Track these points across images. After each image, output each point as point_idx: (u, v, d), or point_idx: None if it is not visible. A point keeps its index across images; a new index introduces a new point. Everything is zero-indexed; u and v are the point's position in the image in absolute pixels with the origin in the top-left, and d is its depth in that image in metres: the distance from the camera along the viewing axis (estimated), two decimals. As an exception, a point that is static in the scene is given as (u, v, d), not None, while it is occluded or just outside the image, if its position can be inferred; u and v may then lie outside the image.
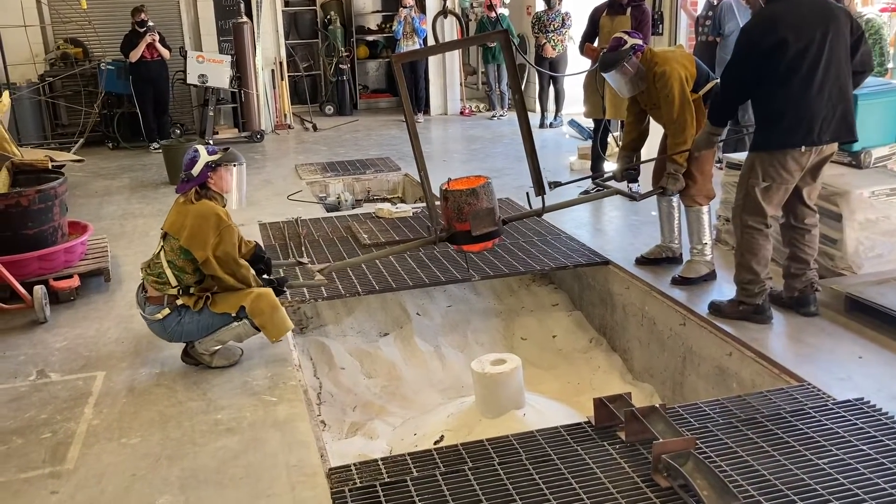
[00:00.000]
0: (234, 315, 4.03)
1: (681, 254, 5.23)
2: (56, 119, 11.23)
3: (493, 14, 11.11)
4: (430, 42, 11.87)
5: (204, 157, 4.02)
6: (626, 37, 4.76)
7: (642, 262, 5.29)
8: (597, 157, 7.35)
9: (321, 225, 6.62)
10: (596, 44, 7.10)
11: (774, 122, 4.08)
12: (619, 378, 5.07)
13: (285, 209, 7.17)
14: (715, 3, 8.01)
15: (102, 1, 11.03)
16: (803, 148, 4.05)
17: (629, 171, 5.14)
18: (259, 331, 4.07)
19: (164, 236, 4.10)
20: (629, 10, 6.95)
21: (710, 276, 4.96)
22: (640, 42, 4.75)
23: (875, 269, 4.74)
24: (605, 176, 5.45)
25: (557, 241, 5.92)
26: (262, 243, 4.73)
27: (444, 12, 11.40)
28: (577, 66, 9.62)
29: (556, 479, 2.99)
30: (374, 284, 5.23)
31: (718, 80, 4.97)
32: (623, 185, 5.24)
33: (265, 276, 4.31)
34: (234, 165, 4.10)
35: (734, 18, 7.52)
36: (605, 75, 4.88)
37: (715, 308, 4.45)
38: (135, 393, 3.92)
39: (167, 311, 4.04)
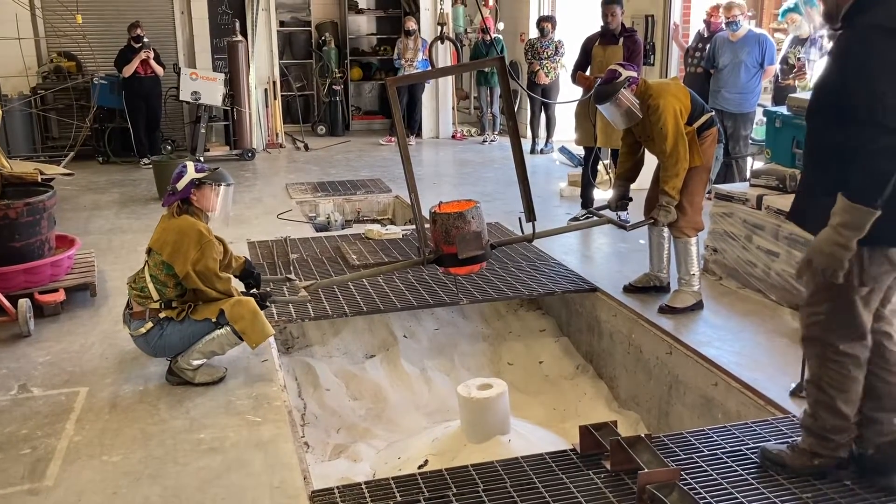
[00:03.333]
0: (214, 321, 4.03)
1: (668, 283, 5.26)
2: (47, 132, 11.20)
3: (488, 38, 11.19)
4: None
5: (190, 174, 4.07)
6: (620, 69, 4.82)
7: (630, 289, 5.30)
8: (587, 184, 7.40)
9: (310, 244, 6.62)
10: (588, 72, 7.17)
11: None
12: (604, 405, 5.07)
13: (275, 228, 7.16)
14: (706, 35, 8.11)
15: (97, 16, 11.04)
16: None
17: (623, 201, 5.18)
18: (241, 339, 4.06)
19: (149, 252, 4.13)
20: (621, 40, 7.03)
21: (697, 307, 4.98)
22: (634, 74, 4.80)
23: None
24: (599, 205, 5.50)
25: (546, 267, 5.93)
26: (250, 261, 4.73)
27: (440, 38, 11.49)
28: (568, 94, 9.69)
29: (540, 506, 2.97)
30: (362, 305, 5.22)
31: (713, 113, 5.02)
32: (613, 214, 5.27)
33: (253, 290, 4.33)
34: (220, 185, 4.12)
35: (727, 52, 7.60)
36: (599, 107, 4.92)
37: (773, 460, 3.18)
38: (118, 410, 3.88)
39: (150, 324, 4.05)
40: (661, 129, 4.69)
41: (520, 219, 4.61)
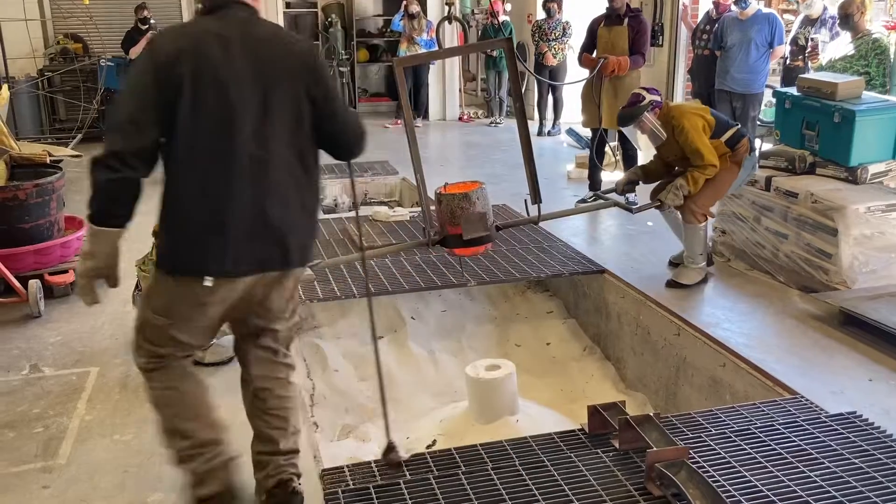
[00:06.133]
0: None
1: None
2: (54, 114, 11.21)
3: (496, 21, 11.14)
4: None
5: None
6: (644, 93, 4.94)
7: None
8: (593, 166, 7.39)
9: (318, 226, 6.62)
10: (594, 54, 7.15)
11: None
12: (612, 387, 5.08)
13: (282, 210, 7.16)
14: (714, 16, 8.05)
15: (104, -3, 11.05)
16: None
17: (631, 184, 5.24)
18: None
19: (155, 234, 4.13)
20: (626, 20, 7.00)
21: (703, 281, 5.08)
22: (658, 99, 4.92)
23: (869, 284, 4.77)
24: (607, 188, 5.56)
25: (553, 249, 5.93)
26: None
27: (448, 18, 11.41)
28: (576, 75, 9.64)
29: (549, 485, 2.99)
30: (370, 287, 5.22)
31: (739, 126, 5.07)
32: (620, 197, 5.32)
33: None
34: None
35: (736, 31, 7.55)
36: (623, 130, 5.07)
37: None
38: (128, 389, 3.90)
39: None
40: (689, 145, 4.78)
41: (525, 201, 4.61)
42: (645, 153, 6.26)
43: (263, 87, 2.54)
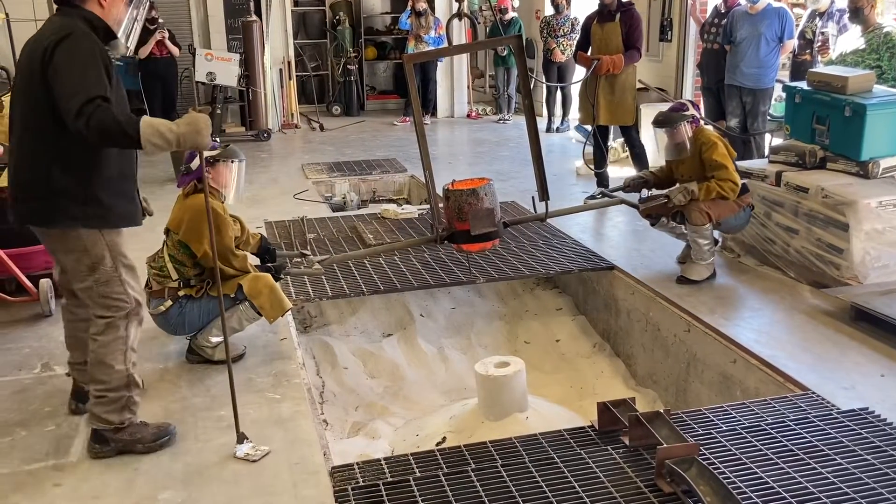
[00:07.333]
0: (233, 297, 4.07)
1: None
2: (63, 114, 11.27)
3: (506, 19, 11.11)
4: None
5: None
6: (690, 105, 5.09)
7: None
8: (597, 163, 7.40)
9: (327, 224, 6.63)
10: (589, 52, 7.15)
11: None
12: (622, 383, 5.07)
13: (291, 208, 7.18)
14: (723, 10, 8.00)
15: (112, -3, 11.06)
16: None
17: (638, 182, 5.31)
18: (260, 315, 4.09)
19: (167, 232, 4.16)
20: (618, 16, 6.97)
21: (712, 277, 5.09)
22: (699, 116, 5.09)
23: (881, 279, 4.74)
24: (614, 187, 5.59)
25: (562, 246, 5.92)
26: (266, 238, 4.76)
27: (458, 15, 11.39)
28: (584, 72, 9.61)
29: (559, 481, 2.99)
30: (379, 285, 5.24)
31: (745, 182, 5.13)
32: (628, 194, 5.36)
33: (268, 264, 4.38)
34: (233, 162, 4.14)
35: (746, 25, 7.49)
36: (655, 129, 5.13)
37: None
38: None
39: (169, 302, 4.09)
40: (716, 160, 4.83)
41: (533, 198, 4.60)
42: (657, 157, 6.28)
43: (21, 74, 3.24)
